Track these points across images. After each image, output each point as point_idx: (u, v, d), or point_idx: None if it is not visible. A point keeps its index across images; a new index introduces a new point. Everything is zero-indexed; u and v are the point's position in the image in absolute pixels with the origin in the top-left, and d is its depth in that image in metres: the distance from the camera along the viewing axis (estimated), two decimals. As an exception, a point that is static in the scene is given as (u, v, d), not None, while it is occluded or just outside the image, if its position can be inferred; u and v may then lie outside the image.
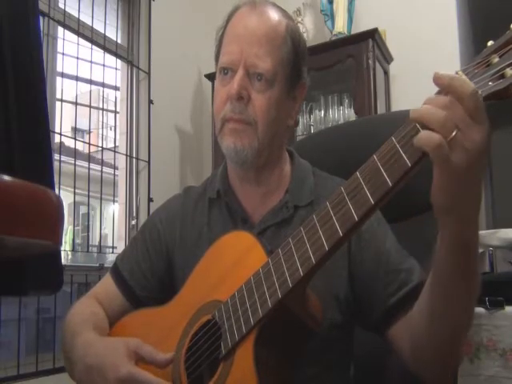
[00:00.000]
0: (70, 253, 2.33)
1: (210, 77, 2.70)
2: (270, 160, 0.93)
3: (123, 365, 0.73)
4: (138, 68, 2.67)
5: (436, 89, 0.61)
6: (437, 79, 0.58)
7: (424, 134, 0.56)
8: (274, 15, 0.92)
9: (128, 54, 2.68)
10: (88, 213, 2.81)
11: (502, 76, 0.57)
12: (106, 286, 1.00)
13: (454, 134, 0.55)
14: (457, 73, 0.59)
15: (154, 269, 0.98)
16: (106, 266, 2.28)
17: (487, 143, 0.56)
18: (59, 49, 2.24)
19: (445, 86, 0.57)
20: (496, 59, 0.58)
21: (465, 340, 0.74)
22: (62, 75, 2.27)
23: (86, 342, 0.83)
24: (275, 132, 0.90)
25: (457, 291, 0.66)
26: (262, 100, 0.87)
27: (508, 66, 0.57)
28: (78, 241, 2.91)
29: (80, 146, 2.61)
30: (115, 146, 2.80)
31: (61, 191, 2.06)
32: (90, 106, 2.53)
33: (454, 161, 0.55)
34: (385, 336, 0.84)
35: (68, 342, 0.87)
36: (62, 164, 2.11)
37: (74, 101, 2.47)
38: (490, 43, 0.60)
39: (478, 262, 0.66)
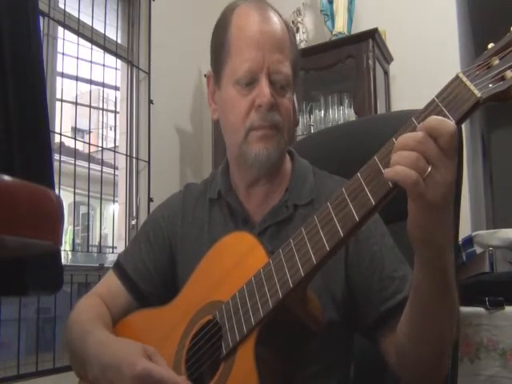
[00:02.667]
0: (69, 253, 2.33)
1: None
2: (282, 159, 0.94)
3: (138, 362, 0.73)
4: (138, 68, 2.67)
5: (436, 91, 0.61)
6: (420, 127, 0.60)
7: (402, 171, 0.58)
8: (277, 18, 0.92)
9: (128, 54, 2.68)
10: (88, 213, 2.81)
11: (503, 78, 0.57)
12: (109, 283, 1.00)
13: (428, 171, 0.58)
14: (457, 75, 0.60)
15: (157, 264, 0.98)
16: (106, 265, 2.28)
17: (454, 181, 0.60)
18: (59, 49, 2.24)
19: (425, 127, 0.59)
20: (496, 61, 0.59)
21: (448, 354, 0.76)
22: (62, 75, 2.27)
23: (100, 341, 0.82)
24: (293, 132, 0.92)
25: (435, 310, 0.69)
26: (286, 104, 0.89)
27: (508, 68, 0.57)
28: (78, 241, 2.91)
29: (80, 146, 2.61)
30: (115, 146, 2.80)
31: (61, 191, 2.06)
32: (90, 106, 2.52)
33: (429, 196, 0.58)
34: (375, 341, 0.85)
35: (77, 341, 0.86)
36: (62, 164, 2.10)
37: (74, 101, 2.47)
38: (490, 45, 0.61)
39: (454, 283, 0.69)
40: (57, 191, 1.91)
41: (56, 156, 2.03)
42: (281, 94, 0.88)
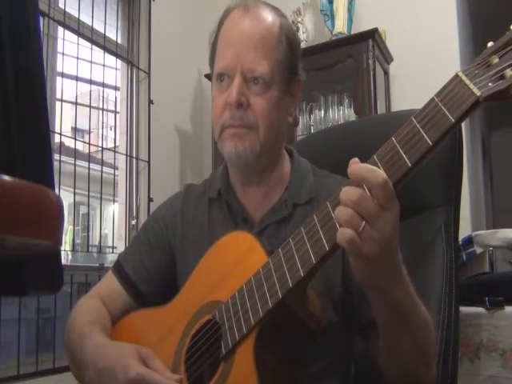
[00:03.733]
0: (69, 253, 2.33)
1: (210, 77, 2.70)
2: (271, 160, 0.94)
3: (133, 367, 0.73)
4: (138, 68, 2.67)
5: (435, 90, 0.61)
6: (350, 172, 0.61)
7: (340, 230, 0.60)
8: (267, 16, 0.91)
9: (128, 53, 2.68)
10: (88, 213, 2.81)
11: (502, 77, 0.57)
12: (109, 283, 1.00)
13: (361, 227, 0.59)
14: (457, 74, 0.60)
15: (156, 264, 0.98)
16: (106, 265, 2.28)
17: (396, 230, 0.61)
18: (59, 49, 2.24)
19: (357, 178, 0.60)
20: (496, 60, 0.59)
21: (427, 371, 0.76)
22: (62, 75, 2.27)
23: (96, 344, 0.83)
24: (276, 132, 0.91)
25: (397, 338, 0.71)
26: (262, 103, 0.87)
27: (508, 66, 0.57)
28: (78, 241, 2.90)
29: (80, 146, 2.61)
30: (115, 146, 2.79)
31: (61, 191, 2.06)
32: (90, 106, 2.52)
33: (365, 251, 0.60)
34: (367, 342, 0.86)
35: (75, 344, 0.87)
36: (61, 164, 2.11)
37: (74, 101, 2.47)
38: (490, 44, 0.61)
39: (416, 311, 0.70)
40: (57, 191, 1.91)
41: (56, 156, 2.03)
42: (256, 93, 0.87)
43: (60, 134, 2.14)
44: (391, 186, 0.59)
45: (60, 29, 2.24)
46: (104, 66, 2.48)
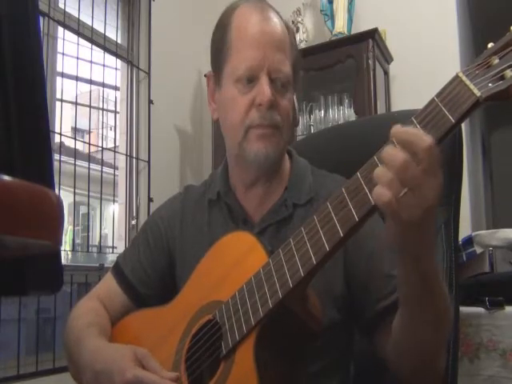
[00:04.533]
0: (69, 253, 2.33)
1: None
2: (279, 160, 0.94)
3: (129, 369, 0.73)
4: (138, 68, 2.67)
5: (436, 91, 0.61)
6: (393, 135, 0.59)
7: (376, 190, 0.58)
8: (278, 18, 0.92)
9: (128, 53, 2.68)
10: (88, 213, 2.81)
11: (502, 77, 0.57)
12: (108, 285, 1.00)
13: (403, 193, 0.57)
14: (457, 74, 0.60)
15: (155, 266, 0.99)
16: (106, 266, 2.28)
17: (438, 197, 0.59)
18: (59, 49, 2.24)
19: (401, 142, 0.58)
20: (496, 61, 0.59)
21: (442, 351, 0.76)
22: (62, 75, 2.27)
23: (93, 347, 0.83)
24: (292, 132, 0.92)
25: (420, 314, 0.70)
26: (286, 104, 0.89)
27: (508, 67, 0.57)
28: (78, 241, 2.90)
29: (80, 146, 2.61)
30: (115, 146, 2.79)
31: (61, 191, 2.06)
32: (90, 106, 2.52)
33: (403, 216, 0.58)
34: (372, 339, 0.85)
35: (73, 346, 0.87)
36: (61, 164, 2.10)
37: (74, 101, 2.47)
38: (490, 45, 0.61)
39: (441, 285, 0.69)
40: (57, 191, 1.91)
41: (56, 156, 2.03)
42: (281, 94, 0.89)
43: (60, 134, 2.14)
44: (437, 150, 0.57)
45: (60, 29, 2.24)
46: (104, 65, 2.48)
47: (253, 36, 0.88)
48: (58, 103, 2.19)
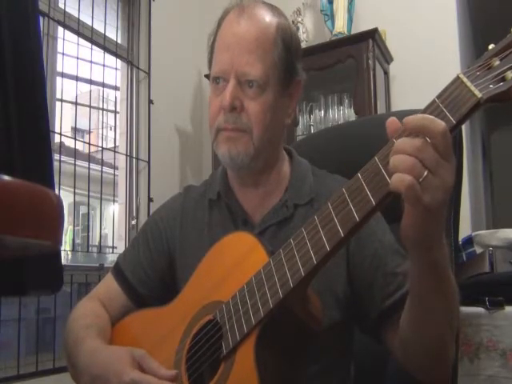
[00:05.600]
0: (69, 253, 2.33)
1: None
2: (268, 162, 0.93)
3: (126, 373, 0.73)
4: (138, 68, 2.67)
5: (436, 91, 0.61)
6: (407, 123, 0.59)
7: (396, 177, 0.58)
8: (263, 17, 0.90)
9: (128, 54, 2.68)
10: (88, 213, 2.81)
11: (503, 79, 0.58)
12: (108, 285, 1.00)
13: (424, 175, 0.58)
14: (458, 76, 0.60)
15: (155, 267, 0.98)
16: (106, 266, 2.28)
17: (454, 179, 0.60)
18: (59, 49, 2.24)
19: (415, 128, 0.59)
20: (497, 62, 0.59)
21: (451, 343, 0.76)
22: (62, 75, 2.27)
23: (91, 350, 0.83)
24: (272, 135, 0.90)
25: (432, 303, 0.70)
26: (256, 107, 0.87)
27: (509, 69, 0.58)
28: (78, 241, 2.91)
29: (80, 146, 2.61)
30: (115, 146, 2.79)
31: (61, 191, 2.06)
32: (90, 106, 2.52)
33: (425, 200, 0.58)
34: (379, 337, 0.85)
35: (72, 348, 0.87)
36: (61, 164, 2.10)
37: (74, 101, 2.47)
38: (490, 46, 0.61)
39: (450, 275, 0.70)
40: (57, 191, 1.91)
41: (56, 156, 2.03)
42: (251, 97, 0.87)
43: (60, 134, 2.14)
44: (450, 134, 0.58)
45: (60, 29, 2.24)
46: (104, 65, 2.48)
47: (224, 39, 0.89)
48: (58, 103, 2.19)
